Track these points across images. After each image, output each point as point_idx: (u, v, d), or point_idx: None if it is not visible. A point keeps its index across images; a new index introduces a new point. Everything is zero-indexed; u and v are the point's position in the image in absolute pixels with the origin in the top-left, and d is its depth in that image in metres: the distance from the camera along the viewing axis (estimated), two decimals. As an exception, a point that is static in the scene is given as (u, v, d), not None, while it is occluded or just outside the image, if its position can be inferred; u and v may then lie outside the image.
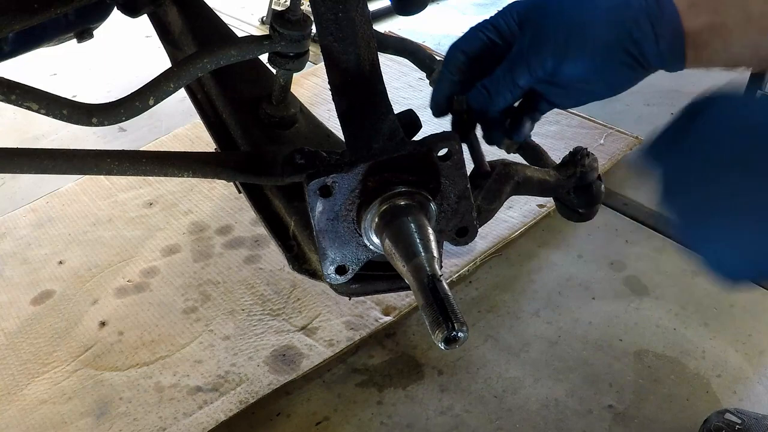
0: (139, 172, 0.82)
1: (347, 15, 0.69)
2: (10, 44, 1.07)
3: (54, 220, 1.76)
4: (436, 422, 1.26)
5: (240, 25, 2.83)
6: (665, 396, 1.29)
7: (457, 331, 0.58)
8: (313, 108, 1.17)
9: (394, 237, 0.68)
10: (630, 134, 1.95)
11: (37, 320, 1.47)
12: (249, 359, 1.35)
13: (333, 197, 0.71)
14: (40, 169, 0.78)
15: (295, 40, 0.93)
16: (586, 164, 0.97)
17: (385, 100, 0.73)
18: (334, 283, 0.78)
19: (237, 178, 0.90)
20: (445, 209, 0.76)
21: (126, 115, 0.84)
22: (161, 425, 1.24)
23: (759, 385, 1.30)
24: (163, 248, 1.65)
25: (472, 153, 0.80)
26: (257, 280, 1.54)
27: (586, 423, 1.25)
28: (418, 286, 0.62)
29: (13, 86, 0.77)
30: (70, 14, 1.15)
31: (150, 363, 1.36)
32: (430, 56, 1.28)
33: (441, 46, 2.66)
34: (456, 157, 0.73)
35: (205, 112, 1.17)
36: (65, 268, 1.61)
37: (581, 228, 1.67)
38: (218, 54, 0.88)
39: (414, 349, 1.40)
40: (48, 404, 1.29)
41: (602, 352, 1.38)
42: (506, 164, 0.90)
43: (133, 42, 2.59)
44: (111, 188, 1.85)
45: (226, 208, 1.76)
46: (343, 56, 0.71)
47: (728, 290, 1.25)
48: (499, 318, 1.46)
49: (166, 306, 1.49)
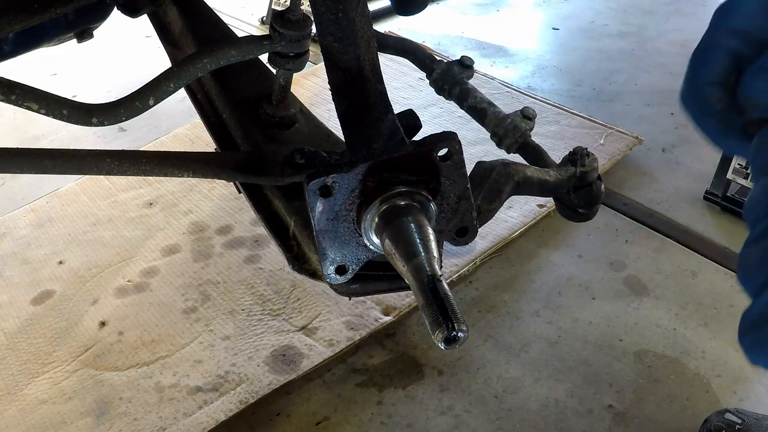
0: (139, 172, 0.82)
1: (347, 15, 0.69)
2: (10, 44, 1.07)
3: (54, 220, 1.76)
4: (436, 422, 1.26)
5: (240, 25, 2.83)
6: (665, 396, 1.29)
7: (457, 331, 0.58)
8: (313, 108, 1.17)
9: (394, 237, 0.68)
10: (630, 134, 1.95)
11: (37, 320, 1.47)
12: (249, 359, 1.35)
13: (333, 197, 0.71)
14: (40, 169, 0.78)
15: (295, 40, 0.92)
16: (586, 164, 0.97)
17: (385, 100, 0.73)
18: (334, 283, 0.79)
19: (237, 178, 0.90)
20: (445, 209, 0.76)
21: (126, 115, 0.84)
22: (161, 425, 1.24)
23: (759, 385, 1.30)
24: (163, 248, 1.65)
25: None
26: (257, 280, 1.54)
27: (586, 423, 1.25)
28: (418, 286, 0.62)
29: (13, 86, 0.77)
30: (70, 14, 1.15)
31: (150, 363, 1.36)
32: (430, 56, 1.28)
33: (441, 46, 2.66)
34: (456, 157, 0.73)
35: (205, 112, 1.17)
36: (65, 268, 1.61)
37: (581, 228, 1.67)
38: (218, 54, 0.88)
39: (414, 349, 1.40)
40: (48, 404, 1.29)
41: (602, 352, 1.38)
42: (506, 164, 0.91)
43: (133, 42, 2.59)
44: (111, 188, 1.85)
45: (226, 208, 1.76)
46: (343, 56, 0.71)
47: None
48: (499, 318, 1.46)
49: (166, 306, 1.49)
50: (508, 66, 2.51)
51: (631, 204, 1.77)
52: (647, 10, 2.91)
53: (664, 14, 2.86)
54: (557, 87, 2.35)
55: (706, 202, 1.76)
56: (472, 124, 1.23)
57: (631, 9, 2.93)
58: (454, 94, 1.23)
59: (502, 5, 3.05)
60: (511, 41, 2.69)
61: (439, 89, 1.25)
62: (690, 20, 2.78)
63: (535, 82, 2.37)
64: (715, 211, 1.74)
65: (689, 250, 1.63)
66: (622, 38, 2.68)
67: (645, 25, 2.78)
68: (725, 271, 1.55)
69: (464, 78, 1.23)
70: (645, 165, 1.92)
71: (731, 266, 1.56)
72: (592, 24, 2.82)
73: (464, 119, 1.27)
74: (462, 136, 0.75)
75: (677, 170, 1.90)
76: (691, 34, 2.66)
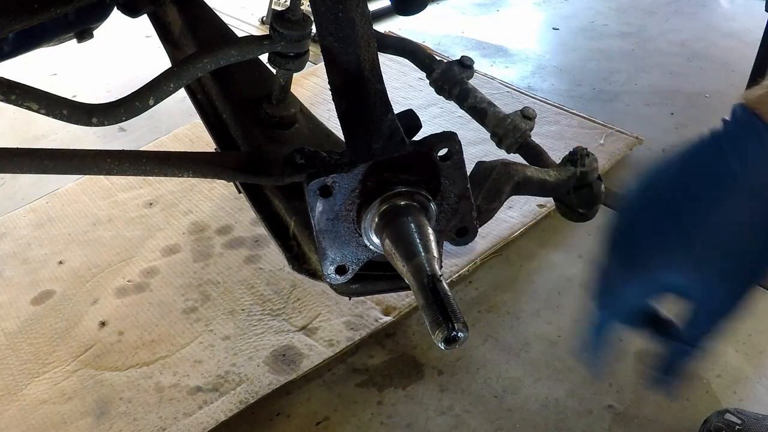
0: (139, 172, 0.82)
1: (347, 15, 0.69)
2: (10, 44, 1.07)
3: (54, 220, 1.76)
4: (436, 422, 1.26)
5: (240, 25, 2.83)
6: (665, 396, 1.29)
7: (457, 331, 0.58)
8: (313, 108, 1.17)
9: (394, 237, 0.68)
10: (630, 134, 1.95)
11: (37, 320, 1.47)
12: (249, 359, 1.35)
13: (333, 197, 0.71)
14: (40, 169, 0.78)
15: (295, 40, 0.93)
16: (586, 164, 0.97)
17: (385, 100, 0.73)
18: (334, 283, 0.79)
19: (237, 178, 0.90)
20: (445, 209, 0.76)
21: (126, 115, 0.84)
22: (161, 425, 1.24)
23: (759, 385, 1.30)
24: (163, 248, 1.65)
25: None
26: (257, 280, 1.54)
27: (586, 423, 1.25)
28: (418, 286, 0.63)
29: (13, 86, 0.77)
30: (70, 14, 1.15)
31: (150, 363, 1.36)
32: (430, 56, 1.28)
33: (441, 46, 2.66)
34: (456, 157, 0.73)
35: (205, 112, 1.17)
36: (65, 268, 1.61)
37: (581, 228, 1.67)
38: (218, 54, 0.88)
39: (414, 349, 1.40)
40: (48, 404, 1.29)
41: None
42: (506, 164, 0.91)
43: (133, 42, 2.59)
44: (111, 188, 1.85)
45: (226, 208, 1.76)
46: (343, 56, 0.71)
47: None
48: (499, 318, 1.46)
49: (166, 306, 1.49)
50: (508, 66, 2.51)
51: (631, 204, 1.77)
52: (647, 10, 2.91)
53: (664, 14, 2.86)
54: (557, 87, 2.35)
55: (706, 202, 1.76)
56: (472, 124, 1.23)
57: (631, 9, 2.93)
58: (454, 94, 1.23)
59: (502, 5, 3.05)
60: (511, 41, 2.69)
61: (439, 89, 1.26)
62: (690, 20, 2.78)
63: (535, 82, 2.37)
64: (715, 211, 1.74)
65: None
66: (622, 38, 2.68)
67: (645, 25, 2.78)
68: (725, 271, 1.55)
69: (464, 78, 1.23)
70: (645, 165, 1.91)
71: (731, 266, 1.56)
72: (592, 24, 2.82)
73: (464, 119, 1.27)
74: (462, 136, 0.75)
75: (677, 170, 1.90)
76: (691, 34, 2.66)
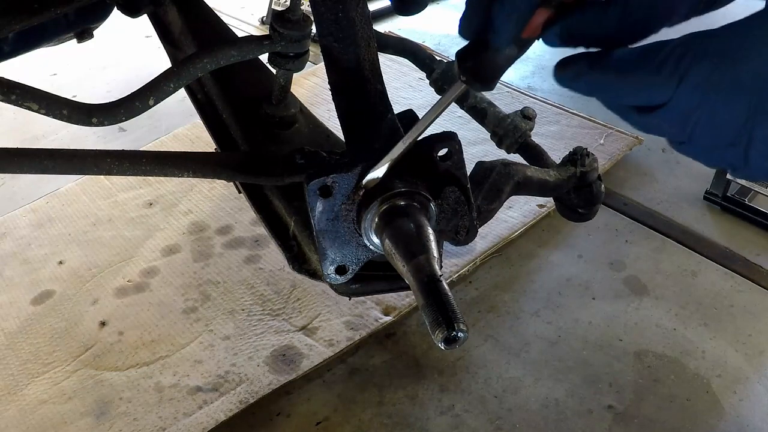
0: (139, 172, 0.82)
1: (347, 15, 0.69)
2: (10, 44, 1.08)
3: (54, 220, 1.76)
4: (436, 422, 1.26)
5: (240, 25, 2.83)
6: (665, 396, 1.29)
7: (457, 331, 0.58)
8: (313, 108, 1.17)
9: (394, 237, 0.68)
10: (630, 134, 1.95)
11: (37, 320, 1.47)
12: (249, 359, 1.35)
13: (333, 197, 0.71)
14: (40, 169, 0.78)
15: (295, 40, 0.93)
16: (586, 164, 0.97)
17: (385, 100, 0.73)
18: (334, 283, 0.79)
19: (237, 178, 0.90)
20: (445, 209, 0.76)
21: (126, 115, 0.84)
22: (161, 425, 1.24)
23: (759, 385, 1.31)
24: (163, 248, 1.65)
25: None
26: (257, 280, 1.54)
27: (586, 423, 1.25)
28: (418, 286, 0.63)
29: (13, 86, 0.77)
30: (70, 14, 1.16)
31: (150, 363, 1.36)
32: (430, 56, 1.28)
33: (441, 46, 2.66)
34: (456, 157, 0.74)
35: (205, 112, 1.17)
36: (65, 268, 1.61)
37: (581, 228, 1.67)
38: (218, 54, 0.88)
39: (414, 349, 1.40)
40: (48, 404, 1.29)
41: (602, 352, 1.38)
42: (506, 164, 0.91)
43: (133, 42, 2.59)
44: (111, 188, 1.85)
45: (226, 208, 1.76)
46: (343, 56, 0.71)
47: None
48: (499, 318, 1.46)
49: (166, 306, 1.49)
50: (508, 66, 2.50)
51: (631, 204, 1.77)
52: (647, 10, 2.90)
53: (664, 14, 2.86)
54: (557, 87, 2.33)
55: (706, 202, 1.76)
56: (472, 124, 1.23)
57: (631, 9, 2.93)
58: (454, 94, 1.22)
59: (502, 5, 3.05)
60: (511, 41, 2.69)
61: (439, 89, 1.26)
62: (690, 20, 2.77)
63: (535, 82, 2.37)
64: (715, 211, 1.74)
65: (689, 250, 1.63)
66: (622, 38, 2.68)
67: (645, 25, 2.78)
68: (725, 271, 1.55)
69: (464, 78, 1.23)
70: (645, 165, 1.92)
71: (731, 266, 1.56)
72: (592, 24, 2.82)
73: (464, 119, 1.27)
74: (462, 136, 0.76)
75: (677, 170, 1.90)
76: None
